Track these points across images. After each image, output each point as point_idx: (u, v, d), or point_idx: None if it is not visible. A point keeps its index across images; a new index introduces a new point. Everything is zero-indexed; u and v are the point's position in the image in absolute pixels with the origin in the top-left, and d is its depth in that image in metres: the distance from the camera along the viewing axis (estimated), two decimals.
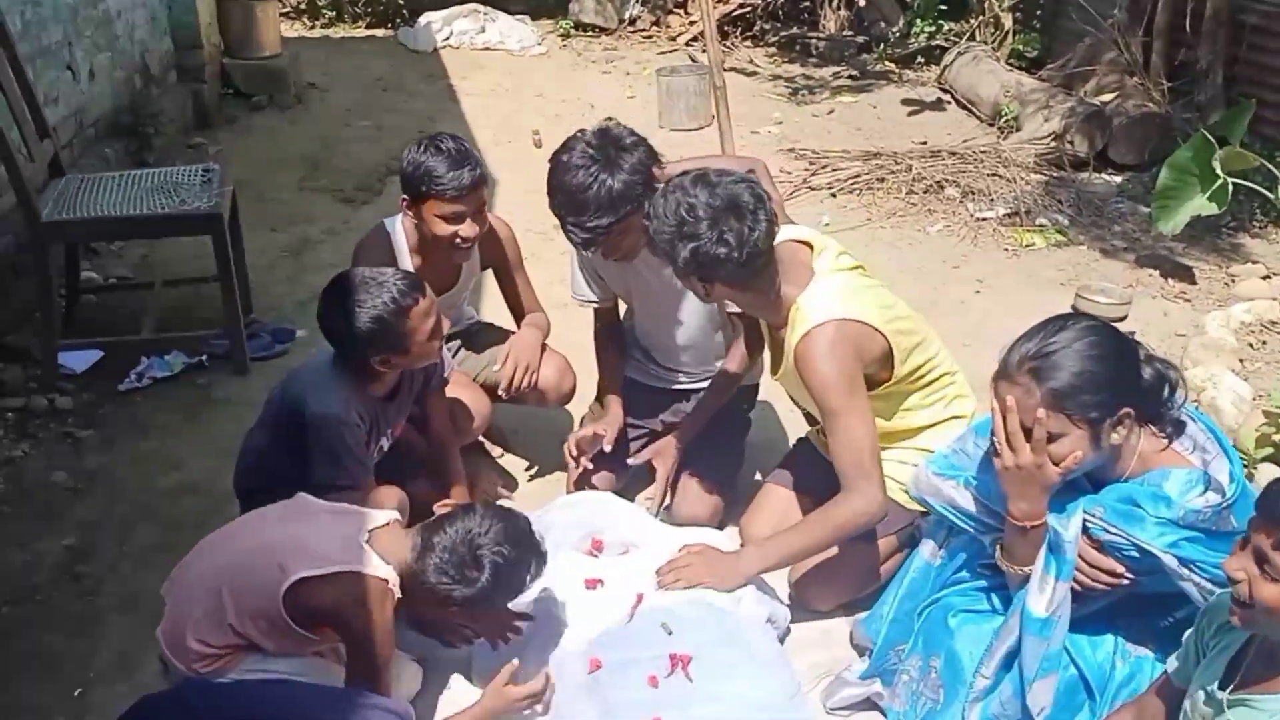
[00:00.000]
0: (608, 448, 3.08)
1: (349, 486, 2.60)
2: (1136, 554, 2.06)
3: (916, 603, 2.46)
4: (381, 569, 2.22)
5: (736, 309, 2.86)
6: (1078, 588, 2.12)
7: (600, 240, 2.72)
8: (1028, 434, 2.10)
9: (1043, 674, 2.12)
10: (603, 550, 2.76)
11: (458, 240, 2.95)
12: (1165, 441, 2.16)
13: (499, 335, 3.37)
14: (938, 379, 2.71)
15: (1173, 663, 2.03)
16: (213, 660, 2.26)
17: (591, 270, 3.09)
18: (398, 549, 2.26)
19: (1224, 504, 2.01)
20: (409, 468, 2.96)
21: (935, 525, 2.50)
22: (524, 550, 2.26)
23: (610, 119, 2.90)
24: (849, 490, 2.48)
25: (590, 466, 3.09)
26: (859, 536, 2.70)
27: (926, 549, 2.50)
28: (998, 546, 2.26)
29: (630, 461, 3.14)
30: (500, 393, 3.14)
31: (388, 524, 2.33)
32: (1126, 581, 2.11)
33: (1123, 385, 2.09)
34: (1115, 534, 2.07)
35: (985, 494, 2.30)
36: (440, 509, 2.51)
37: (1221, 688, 1.83)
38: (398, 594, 2.23)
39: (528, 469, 3.44)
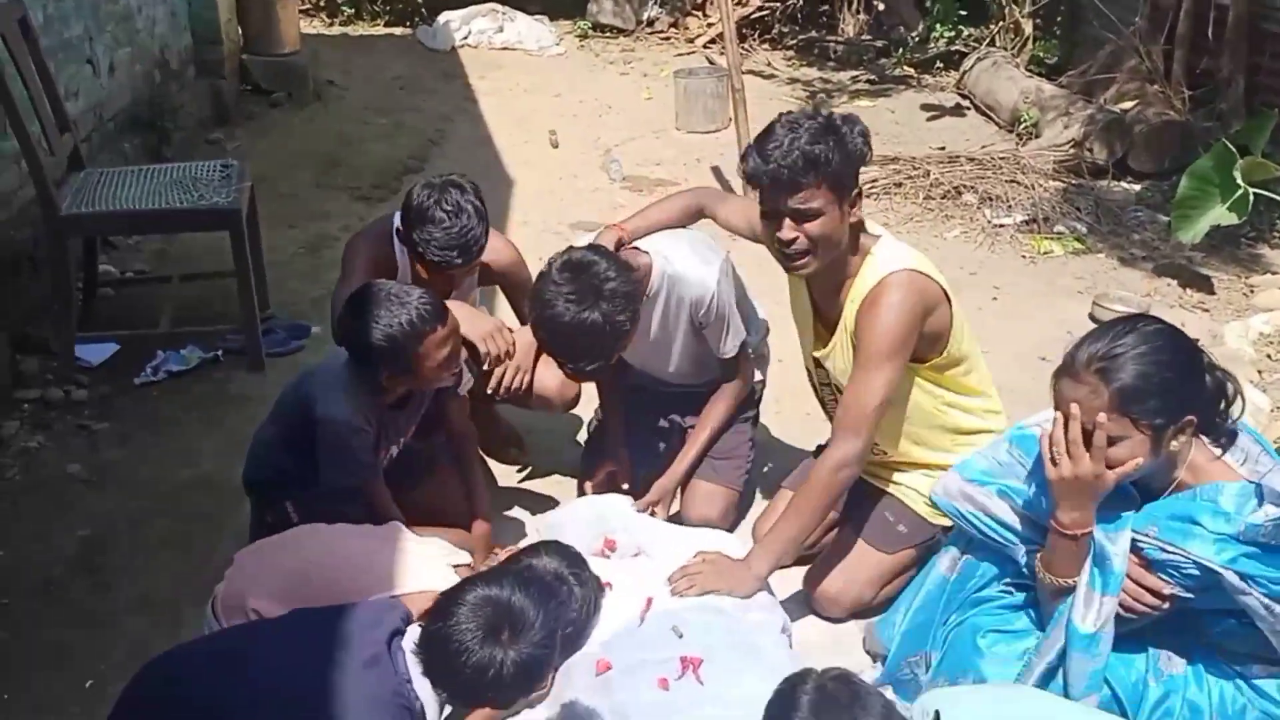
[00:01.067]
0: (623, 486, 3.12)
1: (353, 487, 2.65)
2: (1196, 571, 2.02)
3: (931, 615, 2.43)
4: None
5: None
6: (1120, 610, 2.09)
7: (603, 369, 2.74)
8: (1087, 438, 2.06)
9: (1087, 692, 2.09)
10: (615, 550, 2.76)
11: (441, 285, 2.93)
12: (1217, 452, 2.13)
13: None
14: (976, 384, 2.69)
15: None
16: None
17: None
18: None
19: None
20: (415, 473, 2.97)
21: (954, 537, 2.47)
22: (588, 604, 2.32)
23: (570, 246, 2.80)
24: (831, 445, 2.48)
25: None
26: (877, 544, 2.70)
27: (944, 561, 2.46)
28: (1036, 558, 2.22)
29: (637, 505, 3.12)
30: (489, 391, 3.06)
31: (467, 565, 2.53)
32: (1167, 606, 2.08)
33: (1189, 392, 2.06)
34: (1173, 552, 2.03)
35: (1025, 502, 2.26)
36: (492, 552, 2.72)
37: None
38: None
39: (535, 471, 3.44)
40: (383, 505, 2.74)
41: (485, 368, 2.97)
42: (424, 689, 1.99)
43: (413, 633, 2.06)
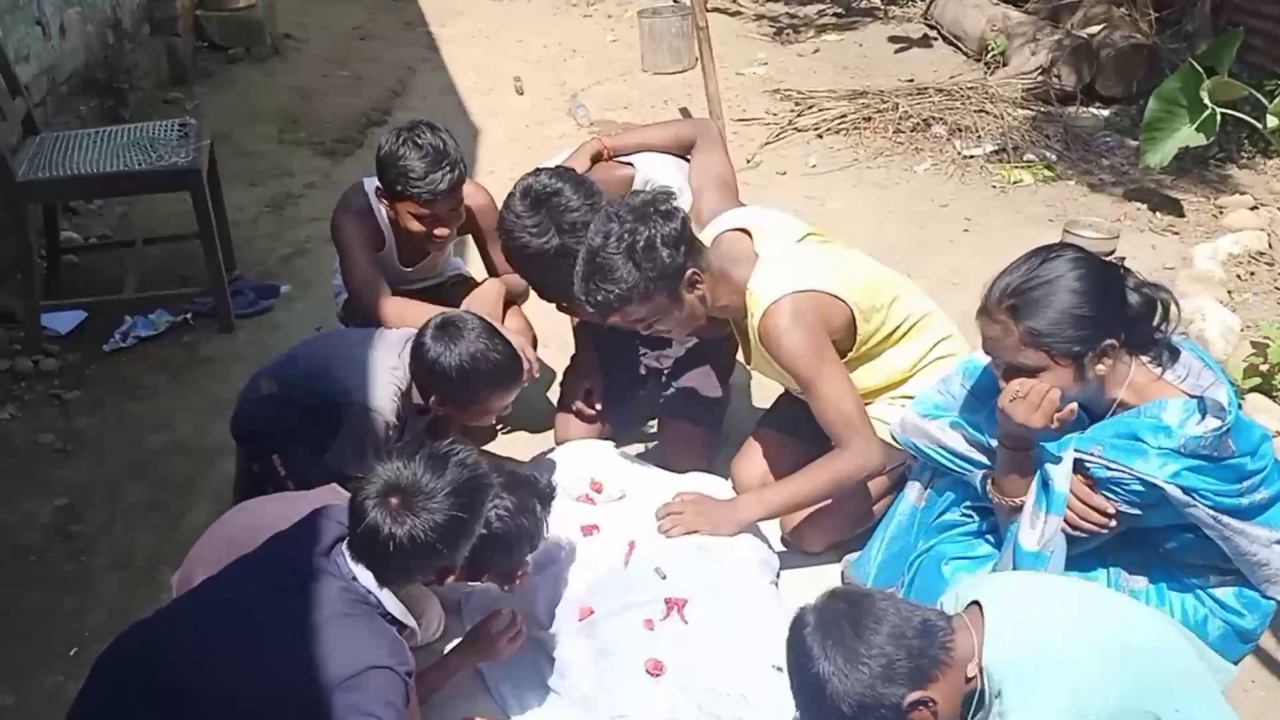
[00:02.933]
0: (595, 406, 3.10)
1: (356, 469, 2.56)
2: (1141, 487, 2.05)
3: (904, 544, 2.47)
4: None
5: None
6: (1068, 529, 2.12)
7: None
8: (1013, 370, 2.09)
9: None
10: (602, 492, 2.76)
11: (432, 237, 2.91)
12: (1158, 371, 2.14)
13: (474, 288, 3.33)
14: (913, 328, 2.69)
15: None
16: None
17: None
18: None
19: (1223, 429, 2.01)
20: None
21: (920, 468, 2.51)
22: (530, 520, 2.30)
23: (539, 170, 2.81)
24: (845, 446, 2.49)
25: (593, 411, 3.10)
26: None
27: (912, 492, 2.51)
28: (989, 481, 2.26)
29: None
30: None
31: None
32: (1114, 525, 2.11)
33: (1105, 318, 2.07)
34: (1116, 469, 2.06)
35: (975, 428, 2.29)
36: None
37: None
38: None
39: (510, 426, 3.43)
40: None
41: None
42: (368, 580, 1.96)
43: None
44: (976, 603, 1.84)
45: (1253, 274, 4.12)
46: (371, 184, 3.02)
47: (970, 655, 1.77)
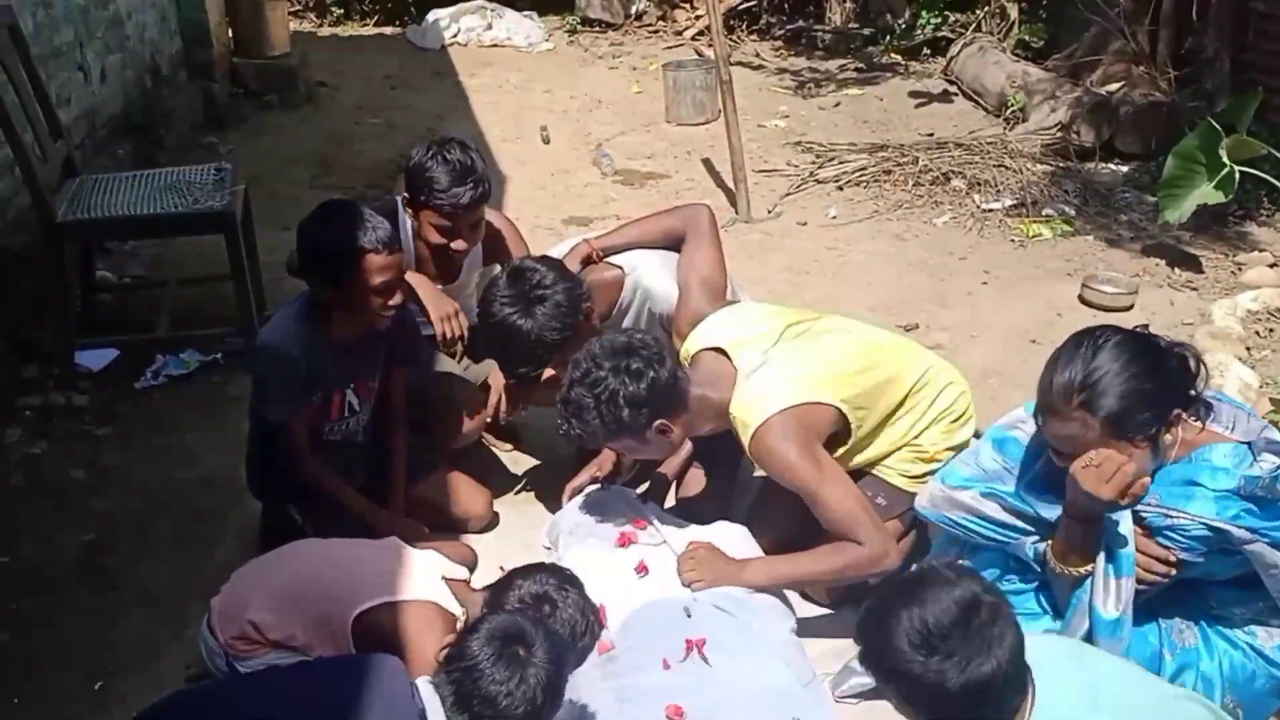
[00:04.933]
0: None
1: (277, 419, 2.72)
2: (1201, 532, 2.05)
3: None
4: (455, 606, 2.38)
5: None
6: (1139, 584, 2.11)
7: (534, 376, 2.82)
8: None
9: None
10: (644, 531, 2.76)
11: (450, 249, 2.99)
12: (1199, 425, 2.16)
13: None
14: (909, 396, 2.70)
15: None
16: (247, 644, 2.36)
17: None
18: (469, 601, 2.40)
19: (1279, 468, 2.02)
20: (415, 471, 3.00)
21: (945, 543, 2.48)
22: (588, 620, 2.33)
23: (524, 257, 2.95)
24: (860, 542, 2.48)
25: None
26: None
27: None
28: (1048, 548, 2.22)
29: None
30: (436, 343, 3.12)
31: (465, 581, 2.55)
32: (1174, 572, 2.10)
33: (1166, 390, 2.08)
34: (1177, 516, 2.06)
35: (1019, 500, 2.26)
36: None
37: None
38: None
39: (533, 467, 3.47)
40: (297, 450, 2.75)
41: (440, 347, 3.09)
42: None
43: (422, 686, 2.06)
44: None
45: (1271, 331, 4.14)
46: (402, 219, 3.11)
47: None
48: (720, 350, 2.66)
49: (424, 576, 2.46)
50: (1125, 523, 2.10)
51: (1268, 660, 2.18)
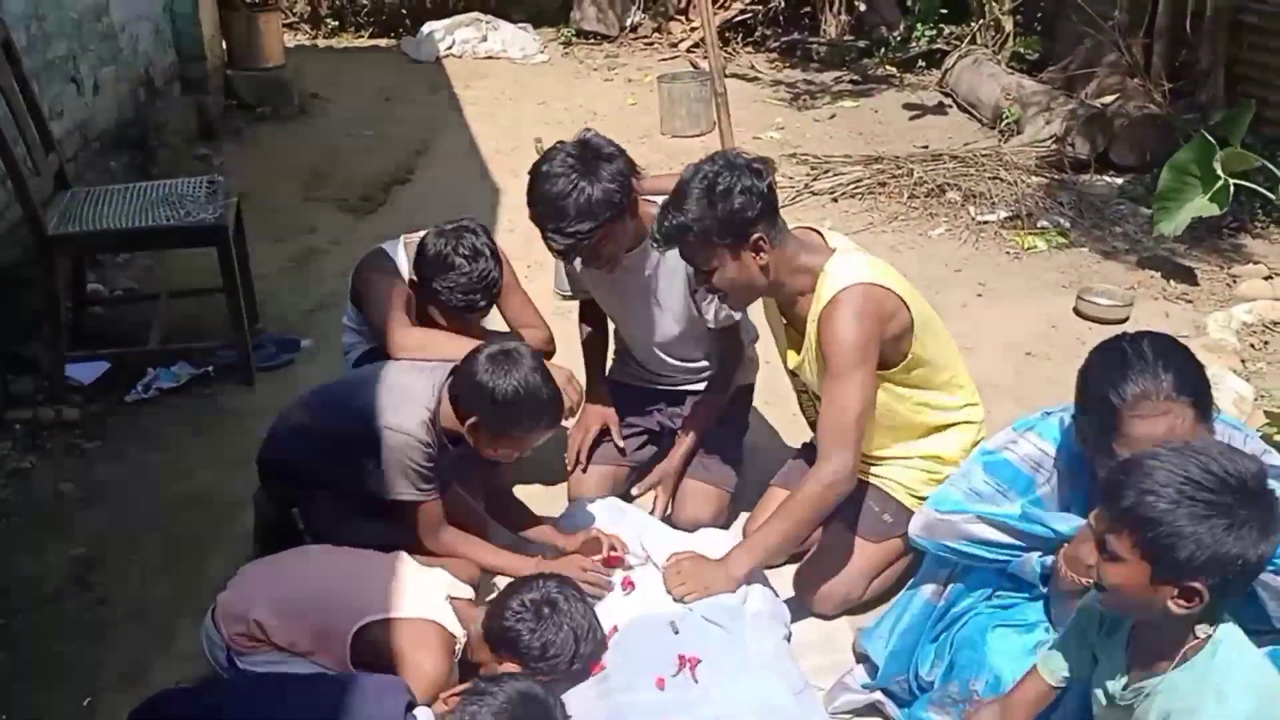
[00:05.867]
0: (618, 441, 3.16)
1: (422, 500, 2.62)
2: None
3: (916, 638, 2.43)
4: (456, 628, 2.37)
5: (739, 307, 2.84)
6: None
7: (581, 248, 2.75)
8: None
9: None
10: (626, 553, 2.77)
11: (455, 330, 2.95)
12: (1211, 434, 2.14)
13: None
14: (948, 380, 2.72)
15: (1047, 659, 2.05)
16: (250, 641, 2.38)
17: (573, 274, 3.13)
18: (470, 620, 2.42)
19: None
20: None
21: (935, 566, 2.46)
22: (588, 628, 2.39)
23: (589, 129, 2.91)
24: (821, 459, 2.50)
25: (585, 464, 3.15)
26: (864, 535, 2.72)
27: (927, 590, 2.45)
28: (1059, 555, 2.19)
29: (634, 490, 3.18)
30: None
31: (469, 600, 2.51)
32: None
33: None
34: None
35: (1016, 522, 2.24)
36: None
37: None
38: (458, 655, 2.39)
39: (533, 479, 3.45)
40: (434, 527, 2.67)
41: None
42: None
43: (422, 714, 2.09)
44: None
45: (1266, 343, 4.13)
46: (393, 247, 3.09)
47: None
48: (816, 231, 2.69)
49: (427, 594, 2.45)
50: None
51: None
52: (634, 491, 3.19)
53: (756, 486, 3.14)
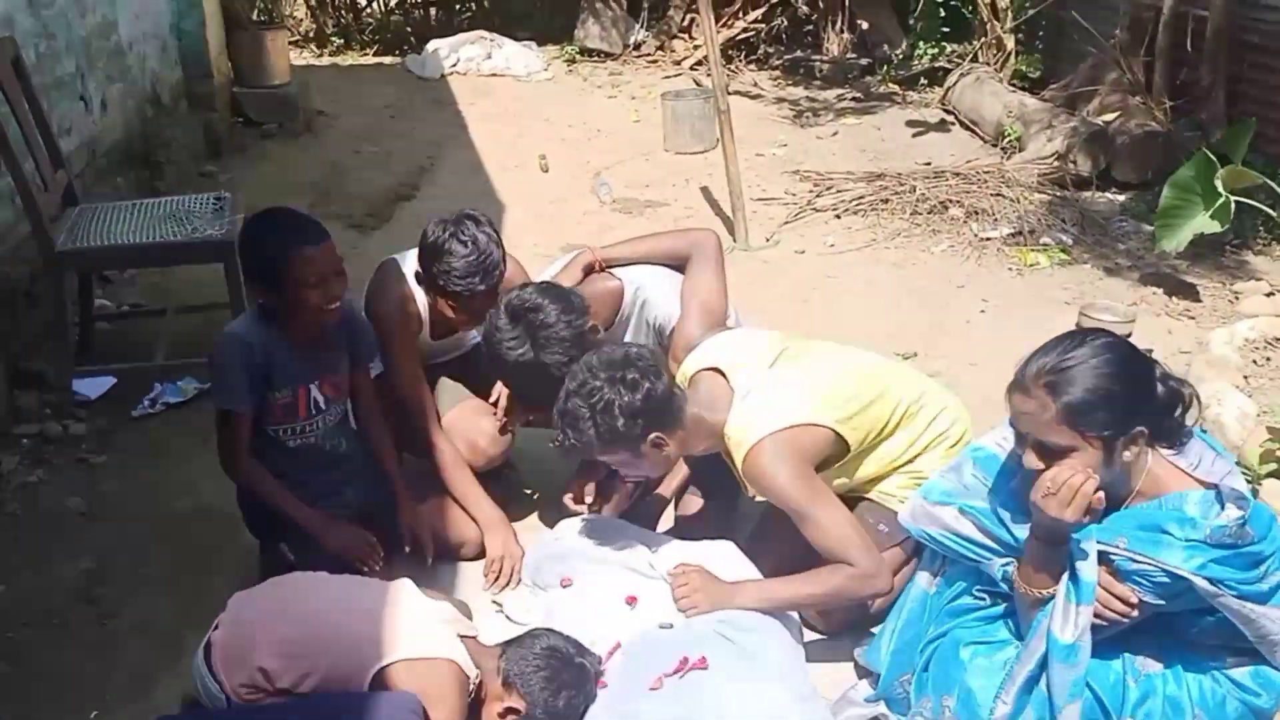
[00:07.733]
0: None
1: (225, 405, 2.81)
2: (1166, 579, 2.06)
3: (917, 631, 2.46)
4: (470, 667, 2.35)
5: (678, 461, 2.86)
6: (1094, 618, 2.12)
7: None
8: (1041, 447, 2.11)
9: (1070, 699, 2.12)
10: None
11: (466, 324, 3.01)
12: (1175, 462, 2.17)
13: None
14: (905, 416, 2.70)
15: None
16: (254, 692, 2.31)
17: None
18: (482, 659, 2.39)
19: (1244, 517, 2.03)
20: (338, 482, 3.00)
21: (930, 556, 2.50)
22: (587, 683, 2.39)
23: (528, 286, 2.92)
24: (853, 564, 2.48)
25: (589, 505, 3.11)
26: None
27: (923, 579, 2.50)
28: (1014, 571, 2.25)
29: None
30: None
31: (474, 637, 2.49)
32: (1136, 614, 2.12)
33: (1138, 404, 2.09)
34: (1144, 562, 2.07)
35: (990, 519, 2.29)
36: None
37: None
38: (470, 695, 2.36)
39: (532, 493, 3.46)
40: (237, 444, 2.83)
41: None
42: None
43: None
44: None
45: (1269, 360, 4.13)
46: (407, 265, 3.09)
47: None
48: (718, 371, 2.67)
49: (436, 629, 2.39)
50: (1091, 558, 2.11)
51: (1239, 685, 2.18)
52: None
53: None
